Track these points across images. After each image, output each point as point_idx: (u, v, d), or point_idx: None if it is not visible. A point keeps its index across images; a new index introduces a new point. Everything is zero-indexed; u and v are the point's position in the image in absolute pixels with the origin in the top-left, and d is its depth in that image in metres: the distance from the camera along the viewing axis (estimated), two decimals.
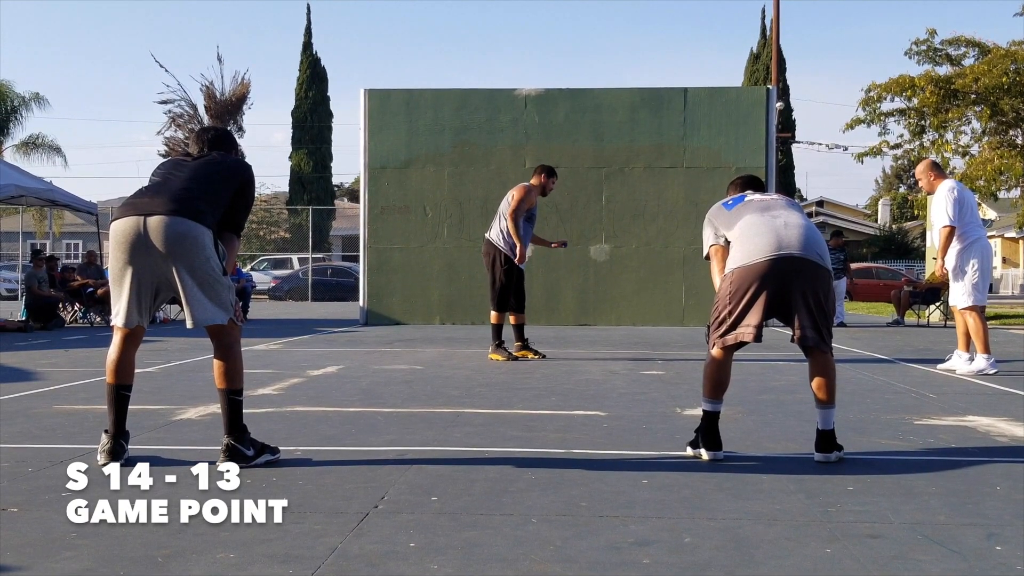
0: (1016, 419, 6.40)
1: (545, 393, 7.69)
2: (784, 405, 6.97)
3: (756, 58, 46.14)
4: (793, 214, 5.03)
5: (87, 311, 17.96)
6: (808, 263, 4.81)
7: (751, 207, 5.10)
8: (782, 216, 4.98)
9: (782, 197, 5.32)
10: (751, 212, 5.06)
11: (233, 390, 4.85)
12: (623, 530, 3.69)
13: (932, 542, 3.53)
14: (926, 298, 19.19)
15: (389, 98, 17.71)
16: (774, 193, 5.38)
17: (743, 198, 5.23)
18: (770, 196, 5.25)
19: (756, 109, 17.40)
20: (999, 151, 25.72)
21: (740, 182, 5.57)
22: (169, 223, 4.58)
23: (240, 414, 4.85)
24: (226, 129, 5.21)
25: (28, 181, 19.07)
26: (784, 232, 4.86)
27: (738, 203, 5.19)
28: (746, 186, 5.49)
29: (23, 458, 5.00)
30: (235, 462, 4.37)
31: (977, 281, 9.34)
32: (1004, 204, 38.56)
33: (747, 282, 4.82)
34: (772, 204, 5.11)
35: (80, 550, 3.41)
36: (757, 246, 4.85)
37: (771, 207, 5.06)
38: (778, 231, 4.87)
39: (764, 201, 5.12)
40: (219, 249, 4.74)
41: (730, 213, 5.15)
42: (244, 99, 45.41)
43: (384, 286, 17.41)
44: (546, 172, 10.85)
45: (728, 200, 5.31)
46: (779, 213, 5.00)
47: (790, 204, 5.19)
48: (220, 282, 4.71)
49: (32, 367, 9.68)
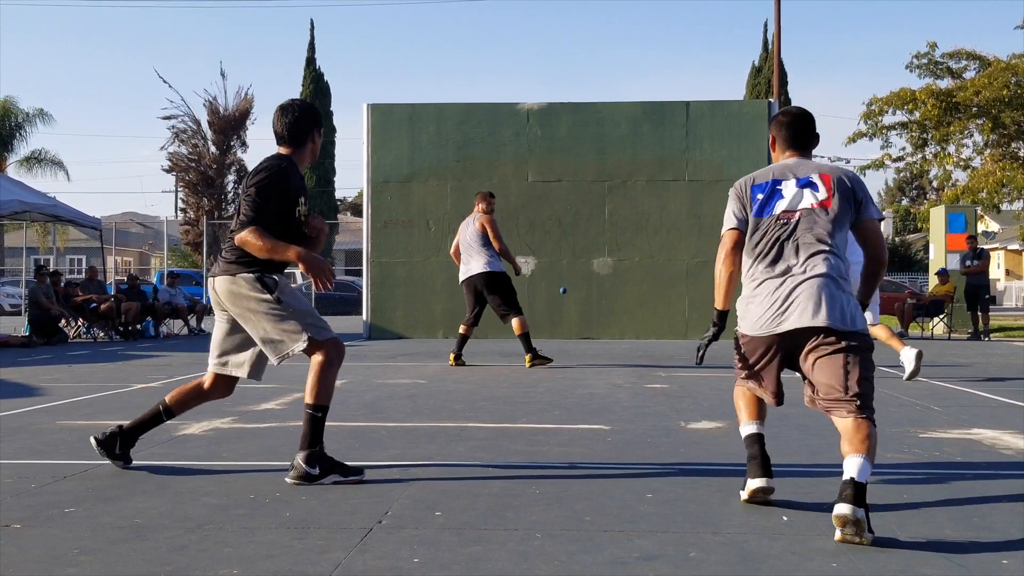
0: (1021, 432, 6.38)
1: (549, 407, 7.68)
2: (788, 418, 6.95)
3: (758, 71, 46.14)
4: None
5: (90, 327, 17.97)
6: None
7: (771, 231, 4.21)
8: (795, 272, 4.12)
9: (822, 200, 4.20)
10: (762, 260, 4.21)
11: (310, 404, 4.79)
12: (628, 545, 3.67)
13: (938, 556, 3.52)
14: (930, 310, 19.16)
15: (392, 112, 17.75)
16: (817, 175, 4.22)
17: (777, 193, 4.26)
18: (801, 204, 4.19)
19: (758, 122, 17.42)
20: (1001, 163, 25.76)
21: (787, 134, 4.41)
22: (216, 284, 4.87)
23: (314, 431, 4.74)
24: (281, 112, 4.96)
25: (32, 197, 19.11)
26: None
27: (766, 208, 4.25)
28: (793, 140, 4.40)
29: (26, 474, 4.99)
30: (300, 480, 4.54)
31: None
32: (1007, 216, 38.57)
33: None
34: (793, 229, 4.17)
35: (83, 567, 3.40)
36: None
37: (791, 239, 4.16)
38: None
39: (786, 222, 4.19)
40: (266, 280, 4.78)
41: (753, 220, 4.27)
42: (247, 114, 45.46)
43: (387, 300, 17.41)
44: (488, 197, 11.66)
45: (759, 190, 4.29)
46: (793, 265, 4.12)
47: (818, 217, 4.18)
48: (270, 316, 4.78)
49: (35, 383, 9.68)
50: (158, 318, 18.79)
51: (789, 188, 4.23)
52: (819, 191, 4.19)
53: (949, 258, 19.59)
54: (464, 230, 11.45)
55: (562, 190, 17.47)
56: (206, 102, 44.76)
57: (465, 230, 11.44)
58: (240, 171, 45.63)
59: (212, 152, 44.94)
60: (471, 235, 11.31)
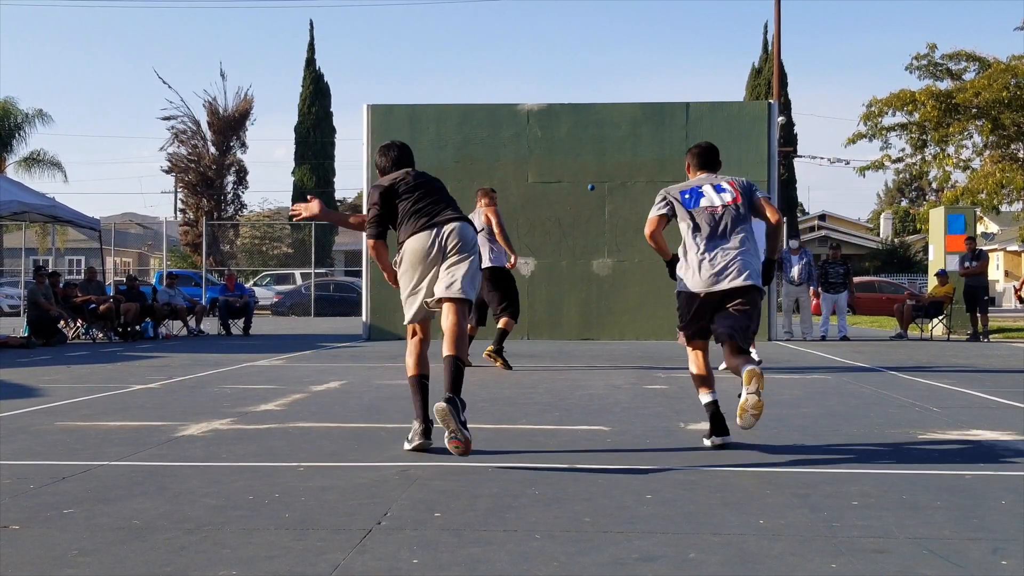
0: (1020, 433, 6.38)
1: (548, 408, 7.68)
2: (787, 419, 6.95)
3: (758, 73, 46.19)
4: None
5: (89, 327, 17.97)
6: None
7: (699, 220, 5.99)
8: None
9: (731, 199, 6.02)
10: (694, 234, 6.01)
11: (459, 357, 5.42)
12: (627, 546, 3.67)
13: (937, 557, 3.52)
14: (929, 312, 19.16)
15: (392, 113, 17.76)
16: (725, 182, 6.12)
17: (699, 194, 6.08)
18: (718, 202, 6.00)
19: (758, 123, 17.43)
20: (1000, 165, 25.76)
21: (697, 161, 6.33)
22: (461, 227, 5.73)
23: (460, 380, 5.36)
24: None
25: (31, 197, 19.11)
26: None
27: (693, 203, 6.06)
28: (702, 164, 6.30)
29: (25, 475, 4.99)
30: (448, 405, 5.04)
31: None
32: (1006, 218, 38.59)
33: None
34: (718, 220, 5.94)
35: (82, 567, 3.40)
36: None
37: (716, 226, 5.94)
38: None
39: (712, 214, 5.96)
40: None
41: (682, 212, 6.06)
42: (247, 115, 45.52)
43: (387, 301, 17.35)
44: (491, 192, 11.28)
45: (686, 193, 6.10)
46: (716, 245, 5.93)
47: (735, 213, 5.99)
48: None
49: (34, 383, 9.67)
50: (157, 319, 18.78)
51: (708, 191, 6.06)
52: (728, 192, 6.03)
53: (948, 259, 19.58)
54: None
55: (562, 191, 17.48)
56: (206, 103, 44.86)
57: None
58: (239, 172, 45.70)
59: (212, 153, 44.98)
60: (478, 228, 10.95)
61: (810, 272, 18.04)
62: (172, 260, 42.33)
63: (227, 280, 21.72)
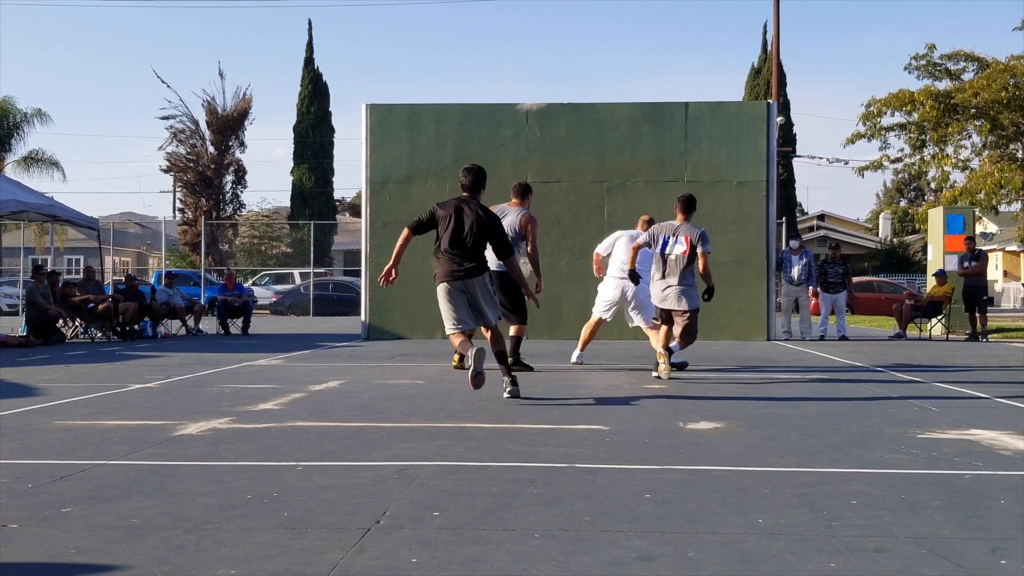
0: (1019, 432, 6.38)
1: (547, 407, 7.68)
2: (786, 419, 6.95)
3: (757, 73, 46.21)
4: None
5: (88, 327, 17.96)
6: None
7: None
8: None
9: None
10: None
11: (500, 349, 8.36)
12: (626, 545, 3.67)
13: (936, 556, 3.52)
14: (928, 311, 19.16)
15: (391, 113, 17.74)
16: (683, 239, 9.96)
17: (666, 243, 10.08)
18: (676, 252, 9.91)
19: (757, 123, 17.41)
20: (999, 165, 25.76)
21: (681, 207, 10.39)
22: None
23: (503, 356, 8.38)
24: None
25: (30, 197, 19.10)
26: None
27: (663, 249, 10.08)
28: (682, 211, 10.33)
29: (23, 474, 4.98)
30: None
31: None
32: (1005, 218, 38.59)
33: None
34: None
35: (80, 566, 3.39)
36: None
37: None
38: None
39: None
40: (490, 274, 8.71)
41: (657, 254, 10.16)
42: (245, 114, 45.54)
43: (386, 301, 17.38)
44: (526, 190, 11.05)
45: (662, 238, 10.10)
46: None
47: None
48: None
49: (33, 383, 9.67)
50: (156, 318, 18.76)
51: (672, 243, 9.92)
52: (683, 245, 9.85)
53: (947, 259, 19.58)
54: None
55: (561, 191, 17.47)
56: (204, 102, 44.89)
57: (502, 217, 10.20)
58: (238, 171, 45.71)
59: (210, 152, 45.00)
60: (508, 228, 10.24)
61: (810, 272, 18.02)
62: (171, 259, 42.32)
63: (226, 279, 21.70)
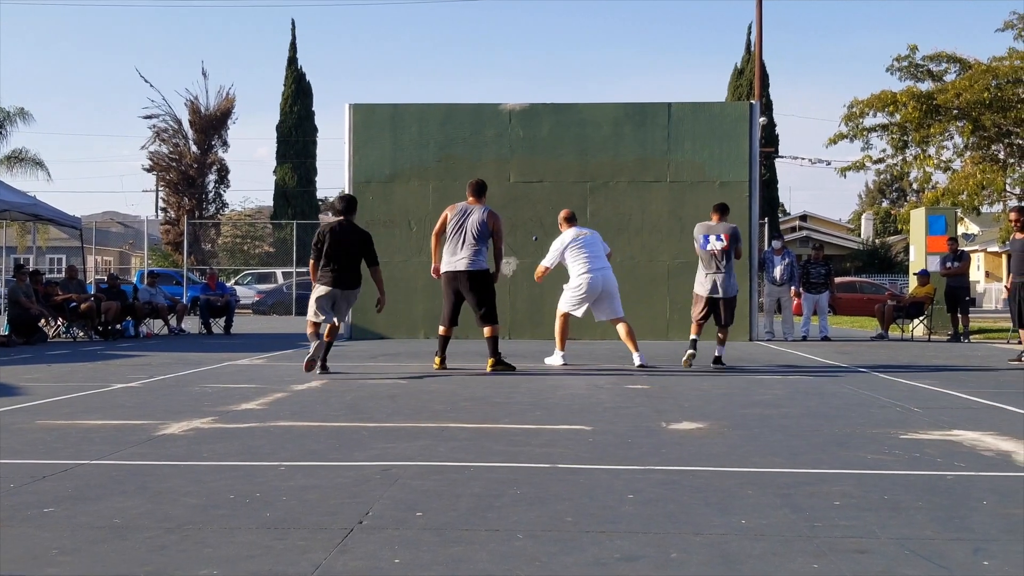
0: (1001, 433, 6.41)
1: (530, 408, 7.68)
2: (769, 419, 6.97)
3: (740, 73, 46.27)
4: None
5: (70, 326, 17.87)
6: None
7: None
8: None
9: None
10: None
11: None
12: (609, 545, 3.67)
13: (919, 557, 3.53)
14: (910, 312, 19.24)
15: (374, 113, 17.72)
16: (723, 235, 11.25)
17: (707, 240, 11.33)
18: (719, 247, 11.19)
19: (740, 124, 17.46)
20: (981, 166, 25.90)
21: (716, 209, 11.59)
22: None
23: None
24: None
25: (12, 196, 19.01)
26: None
27: (705, 246, 11.33)
28: (716, 212, 11.57)
29: (4, 474, 4.95)
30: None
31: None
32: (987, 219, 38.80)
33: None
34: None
35: (62, 567, 3.37)
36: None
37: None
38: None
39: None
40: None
41: (701, 250, 11.48)
42: (228, 114, 45.41)
43: (368, 300, 17.30)
44: (483, 188, 11.16)
45: (703, 236, 11.40)
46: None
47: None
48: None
49: (14, 382, 9.61)
50: (138, 318, 18.69)
51: (712, 239, 11.16)
52: (723, 241, 11.09)
53: (929, 260, 19.66)
54: (460, 217, 10.75)
55: (544, 191, 17.48)
56: (187, 101, 44.75)
57: (463, 218, 10.74)
58: (221, 171, 45.58)
59: (193, 151, 44.86)
60: (473, 226, 10.68)
61: (792, 272, 18.05)
62: (153, 259, 42.19)
63: (208, 279, 21.65)
